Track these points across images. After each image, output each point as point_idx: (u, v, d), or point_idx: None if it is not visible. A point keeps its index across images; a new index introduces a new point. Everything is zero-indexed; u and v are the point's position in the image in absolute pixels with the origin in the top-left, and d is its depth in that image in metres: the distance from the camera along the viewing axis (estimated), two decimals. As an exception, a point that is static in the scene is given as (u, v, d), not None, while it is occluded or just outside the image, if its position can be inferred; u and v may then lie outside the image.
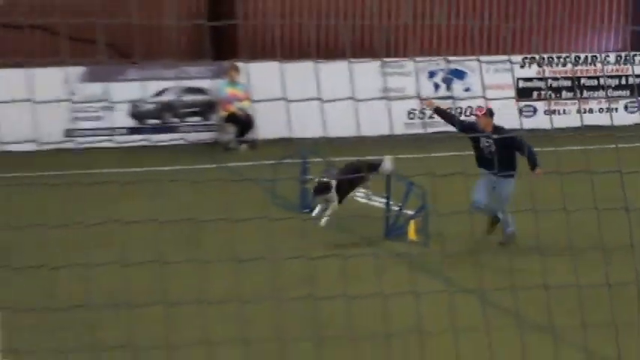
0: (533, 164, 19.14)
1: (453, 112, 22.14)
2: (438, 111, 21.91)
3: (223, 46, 36.73)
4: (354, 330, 15.02)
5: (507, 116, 25.10)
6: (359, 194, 27.52)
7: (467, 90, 38.62)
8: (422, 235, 23.48)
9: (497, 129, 19.66)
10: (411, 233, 23.70)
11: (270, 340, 16.36)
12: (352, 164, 23.19)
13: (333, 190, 23.10)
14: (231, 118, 33.78)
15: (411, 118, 39.20)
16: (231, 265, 17.10)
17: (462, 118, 23.33)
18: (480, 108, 20.38)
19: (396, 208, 24.73)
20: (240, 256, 17.22)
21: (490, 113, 19.72)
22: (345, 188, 23.09)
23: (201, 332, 16.13)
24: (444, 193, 19.07)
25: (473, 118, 22.15)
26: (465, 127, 21.24)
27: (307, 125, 29.86)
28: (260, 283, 18.50)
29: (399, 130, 36.65)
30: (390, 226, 24.49)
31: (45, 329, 17.65)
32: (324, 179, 22.97)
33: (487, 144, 19.44)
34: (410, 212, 24.09)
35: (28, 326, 17.58)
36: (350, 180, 22.73)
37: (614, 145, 22.50)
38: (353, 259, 18.82)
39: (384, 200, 25.91)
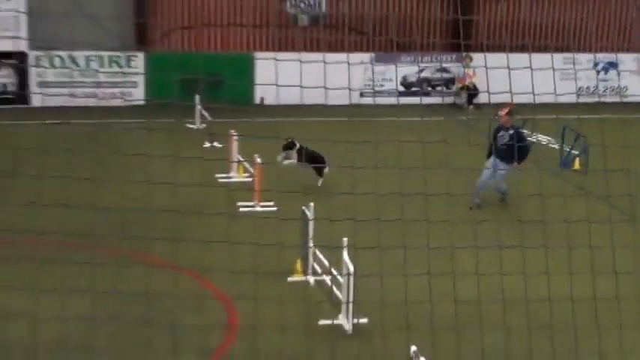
0: (520, 159, 19.97)
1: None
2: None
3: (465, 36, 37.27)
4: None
5: None
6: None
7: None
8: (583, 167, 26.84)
9: (516, 127, 20.47)
10: (576, 165, 27.28)
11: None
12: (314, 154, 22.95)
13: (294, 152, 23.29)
14: (464, 88, 37.45)
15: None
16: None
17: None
18: (503, 108, 20.52)
19: (567, 149, 27.65)
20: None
21: (511, 113, 20.31)
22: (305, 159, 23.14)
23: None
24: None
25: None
26: (493, 132, 21.00)
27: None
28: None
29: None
30: (562, 160, 27.69)
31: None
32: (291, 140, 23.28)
33: (501, 138, 20.20)
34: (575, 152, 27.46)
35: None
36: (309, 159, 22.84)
37: None
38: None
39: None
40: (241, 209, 21.61)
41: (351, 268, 15.41)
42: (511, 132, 18.94)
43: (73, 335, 14.11)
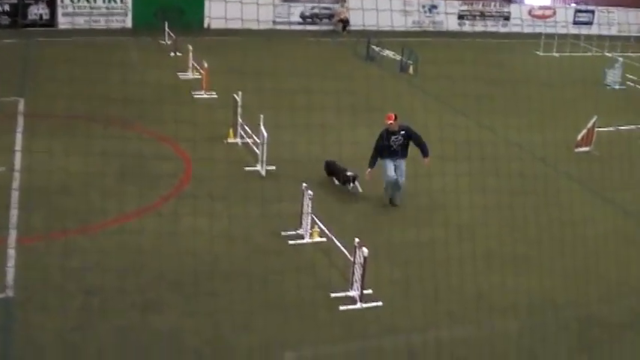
0: (425, 154, 14.58)
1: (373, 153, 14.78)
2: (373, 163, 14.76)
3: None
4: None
5: None
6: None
7: None
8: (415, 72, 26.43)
9: (403, 127, 14.59)
10: (410, 70, 26.62)
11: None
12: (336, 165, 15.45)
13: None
14: (340, 21, 35.29)
15: None
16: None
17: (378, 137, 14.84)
18: (389, 115, 14.51)
19: (405, 60, 26.87)
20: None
21: (396, 117, 14.53)
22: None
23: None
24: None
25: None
26: (382, 137, 14.60)
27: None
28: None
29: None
30: (401, 66, 26.86)
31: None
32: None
33: (396, 141, 14.47)
34: (410, 62, 26.70)
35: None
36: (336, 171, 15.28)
37: None
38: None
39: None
40: (195, 96, 21.44)
41: (266, 135, 15.58)
42: (403, 132, 14.48)
43: (93, 179, 14.09)
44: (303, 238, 12.72)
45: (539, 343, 10.53)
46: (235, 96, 17.17)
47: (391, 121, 14.47)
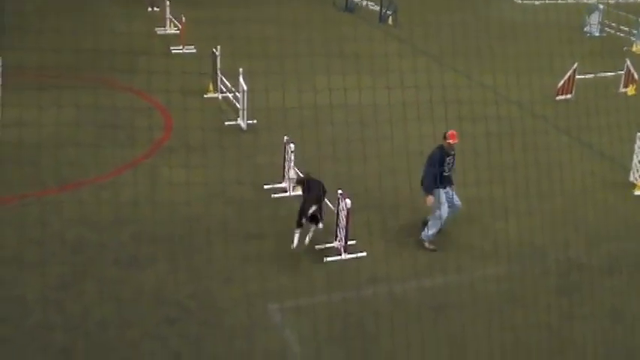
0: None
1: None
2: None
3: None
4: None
5: None
6: None
7: None
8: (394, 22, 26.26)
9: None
10: (390, 21, 26.50)
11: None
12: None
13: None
14: None
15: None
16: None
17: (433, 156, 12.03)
18: (452, 133, 11.79)
19: (384, 10, 26.72)
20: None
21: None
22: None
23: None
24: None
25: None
26: (442, 156, 11.84)
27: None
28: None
29: None
30: (380, 17, 26.80)
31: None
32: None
33: (449, 163, 11.98)
34: (389, 12, 26.58)
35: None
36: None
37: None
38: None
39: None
40: (173, 51, 21.22)
41: (245, 87, 15.46)
42: (453, 153, 11.97)
43: (64, 134, 13.63)
44: (286, 192, 12.65)
45: (520, 287, 10.69)
46: (214, 50, 16.97)
47: (455, 140, 11.80)
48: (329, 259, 10.81)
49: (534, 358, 9.26)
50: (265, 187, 12.66)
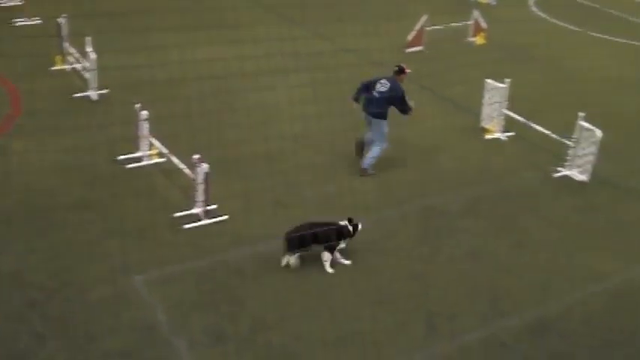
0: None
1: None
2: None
3: None
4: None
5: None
6: None
7: None
8: None
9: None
10: None
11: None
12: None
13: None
14: None
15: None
16: None
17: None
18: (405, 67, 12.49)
19: None
20: None
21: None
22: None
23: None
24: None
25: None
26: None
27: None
28: None
29: None
30: None
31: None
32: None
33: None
34: None
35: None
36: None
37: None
38: None
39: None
40: (17, 24, 20.12)
41: (94, 58, 14.98)
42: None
43: None
44: (141, 161, 12.39)
45: (384, 237, 10.99)
46: (59, 20, 16.30)
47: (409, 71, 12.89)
48: (189, 225, 10.68)
49: (401, 303, 9.47)
50: (119, 157, 12.26)
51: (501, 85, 14.67)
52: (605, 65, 19.17)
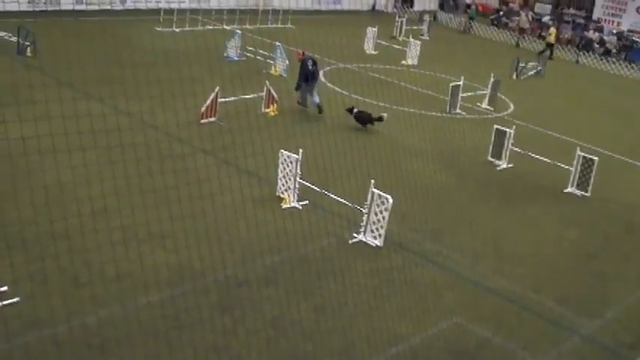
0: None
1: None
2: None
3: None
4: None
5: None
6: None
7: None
8: (34, 54, 25.11)
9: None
10: (29, 53, 25.29)
11: None
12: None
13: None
14: None
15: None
16: None
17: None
18: (298, 52, 22.15)
19: (24, 43, 25.44)
20: None
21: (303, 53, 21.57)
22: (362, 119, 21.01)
23: None
24: None
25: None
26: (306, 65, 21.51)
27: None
28: None
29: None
30: (18, 50, 25.22)
31: None
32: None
33: (311, 68, 21.35)
34: (27, 43, 26.11)
35: None
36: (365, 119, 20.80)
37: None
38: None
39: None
40: None
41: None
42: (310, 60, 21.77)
43: None
44: None
45: (183, 311, 10.79)
46: None
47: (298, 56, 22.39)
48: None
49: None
50: None
51: (295, 155, 14.97)
52: (402, 133, 20.27)
